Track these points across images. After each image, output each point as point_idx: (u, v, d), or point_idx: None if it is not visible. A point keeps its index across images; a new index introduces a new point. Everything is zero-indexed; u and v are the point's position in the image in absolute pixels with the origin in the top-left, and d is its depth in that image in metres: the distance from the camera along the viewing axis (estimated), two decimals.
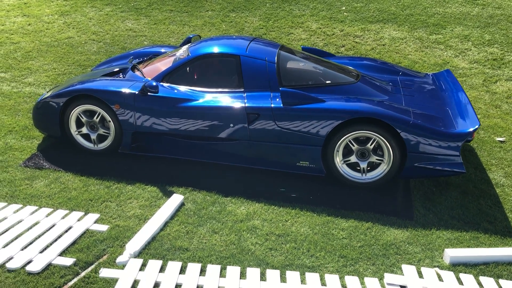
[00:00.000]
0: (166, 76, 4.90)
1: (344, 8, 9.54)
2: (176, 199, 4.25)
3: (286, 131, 4.48)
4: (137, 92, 4.73)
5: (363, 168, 4.51)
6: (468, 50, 8.12)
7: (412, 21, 8.99)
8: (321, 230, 3.98)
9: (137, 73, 5.22)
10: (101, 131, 4.95)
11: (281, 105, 4.47)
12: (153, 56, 5.77)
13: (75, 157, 4.98)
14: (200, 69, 4.90)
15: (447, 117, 4.52)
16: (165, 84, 4.84)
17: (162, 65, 5.23)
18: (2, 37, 8.49)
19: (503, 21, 8.80)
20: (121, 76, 5.28)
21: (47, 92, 5.31)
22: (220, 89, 4.78)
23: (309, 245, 3.79)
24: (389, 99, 4.75)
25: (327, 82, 4.85)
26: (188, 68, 4.91)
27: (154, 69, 5.18)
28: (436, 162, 4.30)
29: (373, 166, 4.53)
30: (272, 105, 4.50)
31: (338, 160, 4.52)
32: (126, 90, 4.75)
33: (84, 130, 4.97)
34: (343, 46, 8.45)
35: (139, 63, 5.62)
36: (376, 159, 4.47)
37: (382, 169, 4.47)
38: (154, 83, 4.63)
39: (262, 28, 9.07)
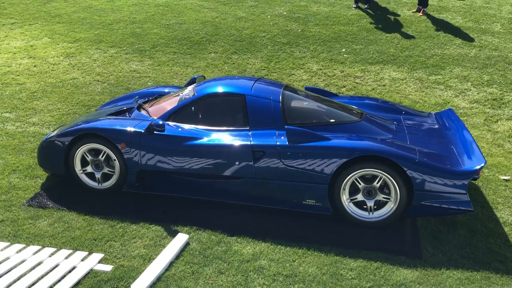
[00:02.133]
0: (172, 115, 4.95)
1: (344, 50, 9.74)
2: (181, 238, 4.19)
3: (292, 169, 4.48)
4: (143, 131, 4.75)
5: (370, 206, 4.48)
6: (467, 90, 8.24)
7: (411, 62, 9.16)
8: (329, 270, 3.91)
9: (143, 112, 5.27)
10: (106, 169, 4.94)
11: (287, 143, 4.49)
12: (158, 96, 5.83)
13: (79, 196, 4.94)
14: (206, 108, 4.95)
15: (452, 156, 4.53)
16: (171, 123, 4.88)
17: (168, 104, 5.28)
18: (8, 78, 8.60)
19: (500, 62, 8.97)
20: (127, 115, 5.32)
21: (53, 131, 5.33)
22: (225, 128, 4.82)
23: (318, 286, 3.72)
24: (393, 138, 4.77)
25: (331, 120, 4.89)
26: (194, 107, 4.96)
27: (160, 108, 5.23)
28: (443, 200, 4.28)
29: (379, 205, 4.49)
30: (278, 143, 4.52)
31: (345, 198, 4.49)
32: (132, 129, 4.77)
33: (89, 169, 4.97)
34: (344, 87, 8.57)
35: (144, 102, 5.68)
36: (383, 197, 4.45)
37: (389, 207, 4.44)
38: (161, 122, 4.67)
39: (264, 69, 9.22)
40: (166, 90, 6.17)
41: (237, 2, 12.21)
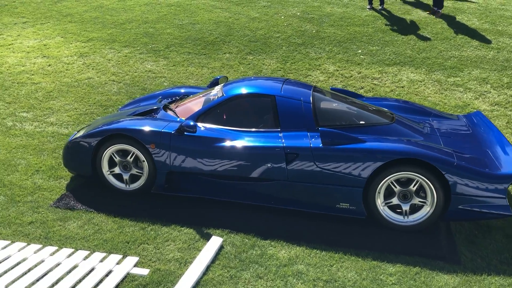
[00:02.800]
0: (200, 116, 4.87)
1: (360, 51, 9.67)
2: (215, 242, 4.11)
3: (326, 172, 4.40)
4: (173, 132, 4.67)
5: (406, 210, 4.40)
6: (487, 92, 8.17)
7: (429, 64, 9.09)
8: (369, 276, 3.84)
9: (170, 113, 5.19)
10: (134, 171, 4.86)
11: (321, 145, 4.41)
12: (183, 96, 5.75)
13: (106, 197, 4.87)
14: (235, 109, 4.88)
15: (489, 159, 4.46)
16: (200, 124, 4.80)
17: (194, 105, 5.21)
18: (23, 78, 8.53)
19: None
20: (153, 116, 5.25)
21: (78, 131, 5.26)
22: (255, 129, 4.74)
23: None
24: (426, 141, 4.70)
25: (362, 122, 4.82)
26: (223, 108, 4.89)
27: (187, 109, 5.16)
28: (482, 205, 4.21)
29: (414, 209, 4.42)
30: (311, 145, 4.44)
31: (380, 202, 4.42)
32: (161, 130, 4.70)
33: (117, 170, 4.89)
34: (362, 88, 8.50)
35: (170, 103, 5.60)
36: (419, 201, 4.37)
37: (425, 211, 4.37)
38: (191, 123, 4.59)
39: (280, 70, 9.14)
40: (190, 91, 6.09)
41: (249, 2, 12.13)
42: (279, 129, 4.68)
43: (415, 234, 4.39)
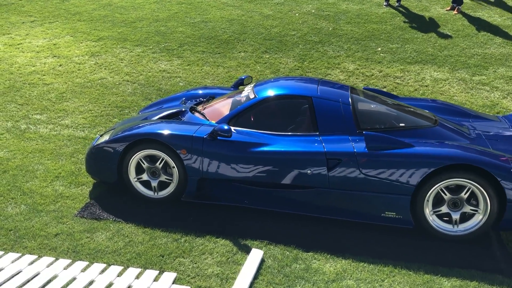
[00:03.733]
0: (232, 118, 4.59)
1: (379, 49, 9.39)
2: (256, 255, 3.84)
3: (371, 179, 4.13)
4: (205, 136, 4.40)
5: (455, 219, 4.13)
6: None
7: (452, 62, 8.82)
8: None
9: (198, 115, 4.91)
10: (163, 177, 4.58)
11: (366, 150, 4.14)
12: (210, 98, 5.46)
13: (133, 205, 4.59)
14: (269, 112, 4.60)
15: None
16: (232, 127, 4.52)
17: (222, 107, 4.93)
18: (34, 78, 8.24)
19: None
20: (180, 118, 4.96)
21: (101, 136, 4.98)
22: (291, 133, 4.46)
23: None
24: (472, 144, 4.42)
25: (404, 125, 4.54)
26: (256, 111, 4.61)
27: (216, 111, 4.88)
28: None
29: (465, 217, 4.15)
30: (355, 150, 4.16)
31: (428, 210, 4.14)
32: (193, 134, 4.42)
33: (145, 176, 4.60)
34: (385, 87, 8.22)
35: (196, 104, 5.32)
36: (471, 209, 4.10)
37: (477, 220, 4.10)
38: (226, 127, 4.31)
39: (298, 69, 8.86)
40: (214, 92, 5.81)
41: None
42: (317, 133, 4.40)
43: (466, 245, 4.12)
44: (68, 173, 5.31)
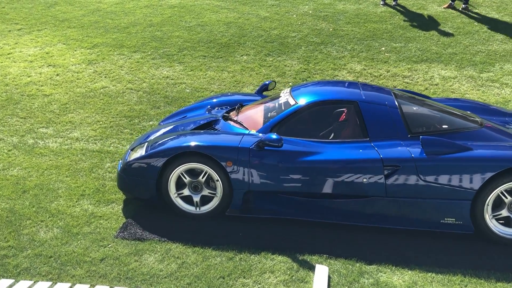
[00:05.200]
0: (275, 126, 4.38)
1: (383, 48, 9.32)
2: (322, 271, 3.63)
3: (431, 185, 3.98)
4: (252, 147, 4.16)
5: None
6: None
7: (457, 60, 8.81)
8: None
9: (234, 124, 4.67)
10: (206, 191, 4.31)
11: (424, 155, 3.99)
12: (239, 105, 5.19)
13: (174, 222, 4.32)
14: (314, 118, 4.41)
15: None
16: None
17: (258, 114, 4.72)
18: (32, 89, 7.81)
19: None
20: (215, 128, 4.71)
21: (132, 149, 4.67)
22: (340, 140, 4.28)
23: None
24: None
25: (451, 127, 4.41)
26: (300, 117, 4.41)
27: (253, 120, 4.66)
28: None
29: None
30: (413, 156, 4.01)
31: (488, 214, 4.02)
32: (238, 145, 4.18)
33: (186, 192, 4.33)
34: (395, 87, 8.13)
35: (227, 112, 5.07)
36: None
37: None
38: (275, 136, 4.08)
39: (304, 71, 8.70)
40: (240, 98, 5.57)
41: (256, 1, 11.64)
42: (367, 139, 4.23)
43: None
44: (93, 190, 4.99)
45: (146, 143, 4.56)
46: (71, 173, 5.42)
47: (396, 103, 4.40)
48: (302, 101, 4.46)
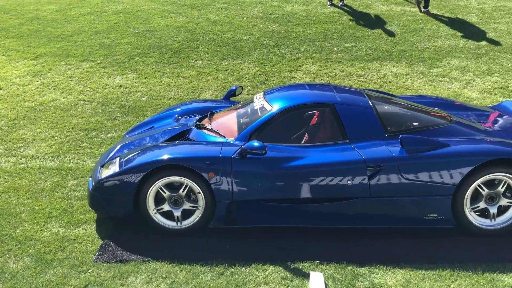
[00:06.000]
0: (253, 133, 4.28)
1: (336, 49, 9.46)
2: (318, 278, 3.58)
3: (413, 183, 4.04)
4: (233, 156, 4.04)
5: (493, 213, 4.17)
6: (472, 80, 8.30)
7: (407, 57, 9.09)
8: None
9: (209, 133, 4.53)
10: (188, 205, 4.14)
11: (405, 153, 4.04)
12: (211, 112, 5.03)
13: (156, 240, 4.11)
14: (292, 123, 4.36)
15: None
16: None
17: (232, 121, 4.60)
18: None
19: (491, 51, 9.19)
20: (190, 138, 4.54)
21: (102, 166, 4.42)
22: (320, 143, 4.26)
23: None
24: (490, 137, 4.50)
25: (424, 125, 4.51)
26: (278, 122, 4.34)
27: (227, 127, 4.54)
28: None
29: (500, 211, 4.19)
30: (394, 155, 4.05)
31: (467, 207, 4.13)
32: (219, 155, 4.04)
33: (166, 207, 4.14)
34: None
35: (198, 120, 4.91)
36: (507, 202, 4.16)
37: None
38: (257, 143, 3.98)
39: (261, 74, 8.66)
40: (208, 105, 5.43)
41: (204, 5, 11.49)
42: (347, 141, 4.24)
43: (501, 239, 4.17)
44: (60, 211, 4.67)
45: (118, 158, 4.32)
46: (32, 194, 5.06)
47: (371, 104, 4.44)
48: (279, 105, 4.40)
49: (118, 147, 4.80)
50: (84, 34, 9.98)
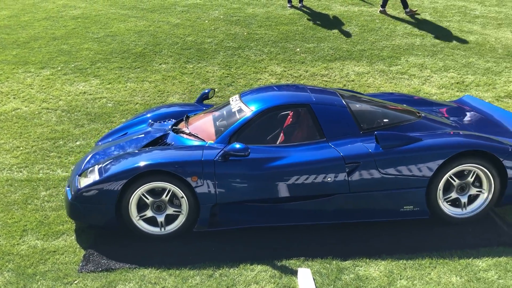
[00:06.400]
0: (233, 135, 4.32)
1: (298, 49, 9.62)
2: (306, 274, 3.66)
3: (390, 177, 4.20)
4: (216, 159, 4.07)
5: (464, 202, 4.39)
6: (430, 77, 8.65)
7: (367, 56, 9.36)
8: (470, 276, 3.73)
9: (187, 137, 4.53)
10: (171, 210, 4.14)
11: (381, 149, 4.19)
12: (186, 116, 5.02)
13: (139, 247, 4.08)
14: (271, 124, 4.43)
15: None
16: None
17: (209, 124, 4.63)
18: None
19: (445, 48, 9.60)
20: (167, 143, 4.53)
21: (79, 175, 4.33)
22: (298, 142, 4.35)
23: None
24: (467, 131, 4.71)
25: (395, 121, 4.69)
26: (257, 124, 4.40)
27: (205, 130, 4.56)
28: None
29: (470, 200, 4.42)
30: (371, 151, 4.19)
31: (440, 198, 4.33)
32: (201, 158, 4.06)
33: (149, 213, 4.11)
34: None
35: (174, 124, 4.90)
36: (476, 191, 4.38)
37: (482, 200, 4.39)
38: (239, 146, 4.03)
39: (227, 76, 8.70)
40: (179, 109, 5.42)
41: (164, 8, 11.41)
42: (324, 139, 4.35)
43: (473, 226, 4.39)
44: (36, 223, 4.55)
45: (97, 166, 4.25)
46: (3, 207, 4.89)
47: (344, 103, 4.58)
48: (257, 107, 4.46)
49: (91, 155, 4.72)
50: (41, 40, 9.71)
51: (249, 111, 4.45)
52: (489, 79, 8.52)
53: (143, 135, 4.81)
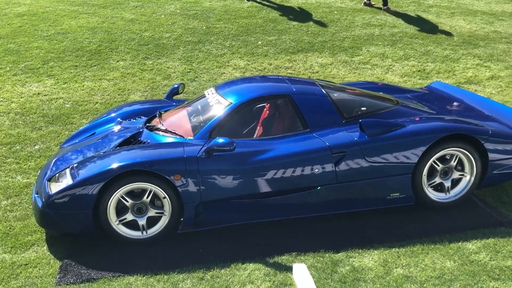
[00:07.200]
0: (214, 129, 4.12)
1: (260, 42, 9.48)
2: (302, 270, 3.52)
3: (376, 165, 4.13)
4: (199, 155, 3.85)
5: (447, 186, 4.39)
6: (392, 66, 8.74)
7: (329, 47, 9.35)
8: (463, 260, 3.72)
9: (163, 133, 4.28)
10: (153, 212, 3.88)
11: (366, 137, 4.11)
12: (159, 113, 4.75)
13: (121, 252, 3.81)
14: (252, 116, 4.25)
15: (500, 121, 4.69)
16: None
17: (185, 119, 4.41)
18: None
19: (404, 38, 9.74)
20: (143, 141, 4.26)
21: (49, 180, 4.00)
22: (282, 134, 4.21)
23: (472, 277, 3.49)
24: (447, 116, 4.72)
25: (375, 108, 4.63)
26: (238, 117, 4.21)
27: (182, 126, 4.33)
28: (510, 166, 4.42)
29: (453, 183, 4.43)
30: (356, 139, 4.11)
31: (425, 184, 4.32)
32: (183, 155, 3.83)
33: (129, 216, 3.84)
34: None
35: (147, 121, 4.64)
36: (459, 175, 4.40)
37: (465, 182, 4.41)
38: (222, 140, 3.83)
39: (189, 71, 8.44)
40: (147, 106, 5.15)
41: (116, 4, 10.96)
42: (308, 130, 4.23)
43: (457, 211, 4.40)
44: (0, 236, 4.17)
45: (69, 169, 3.93)
46: None
47: (324, 92, 4.48)
48: (236, 99, 4.27)
49: (58, 158, 4.38)
50: None
51: (228, 103, 4.25)
52: (448, 66, 8.70)
53: (114, 135, 4.52)
